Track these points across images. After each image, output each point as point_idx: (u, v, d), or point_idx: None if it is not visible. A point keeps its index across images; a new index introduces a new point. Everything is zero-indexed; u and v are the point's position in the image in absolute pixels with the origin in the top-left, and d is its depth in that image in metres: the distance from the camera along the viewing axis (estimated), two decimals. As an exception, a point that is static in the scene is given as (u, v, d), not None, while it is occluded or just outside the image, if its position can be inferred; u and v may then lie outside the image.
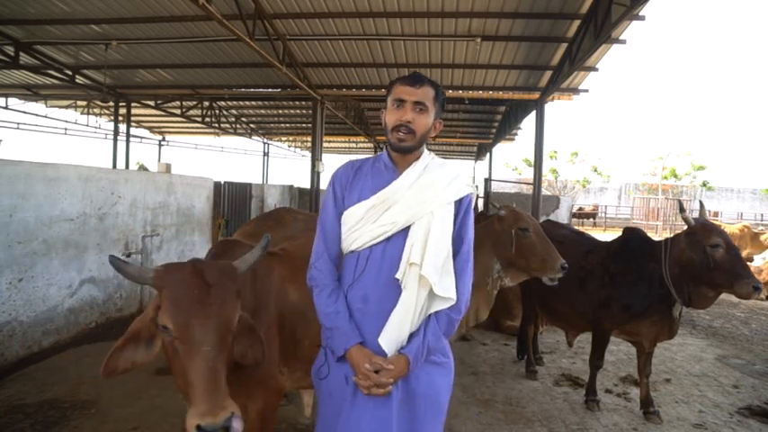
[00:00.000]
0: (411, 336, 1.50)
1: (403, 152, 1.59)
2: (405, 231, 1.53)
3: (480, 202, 11.83)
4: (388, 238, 1.54)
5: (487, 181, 11.87)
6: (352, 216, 1.57)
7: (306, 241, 1.95)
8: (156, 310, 1.37)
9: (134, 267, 1.38)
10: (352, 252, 1.58)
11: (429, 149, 1.70)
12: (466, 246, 1.60)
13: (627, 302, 3.26)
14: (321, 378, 1.57)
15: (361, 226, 1.55)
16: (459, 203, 1.61)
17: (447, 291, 1.49)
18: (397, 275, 1.49)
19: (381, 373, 1.42)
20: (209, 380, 1.28)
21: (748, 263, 8.16)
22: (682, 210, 3.17)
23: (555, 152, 29.78)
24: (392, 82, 1.62)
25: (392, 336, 1.48)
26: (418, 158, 1.62)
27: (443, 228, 1.53)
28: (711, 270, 2.87)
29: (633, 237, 3.54)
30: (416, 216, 1.52)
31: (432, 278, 1.46)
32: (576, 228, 4.90)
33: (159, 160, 17.49)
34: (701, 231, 2.97)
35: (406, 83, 1.56)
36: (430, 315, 1.53)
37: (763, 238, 9.74)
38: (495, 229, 3.10)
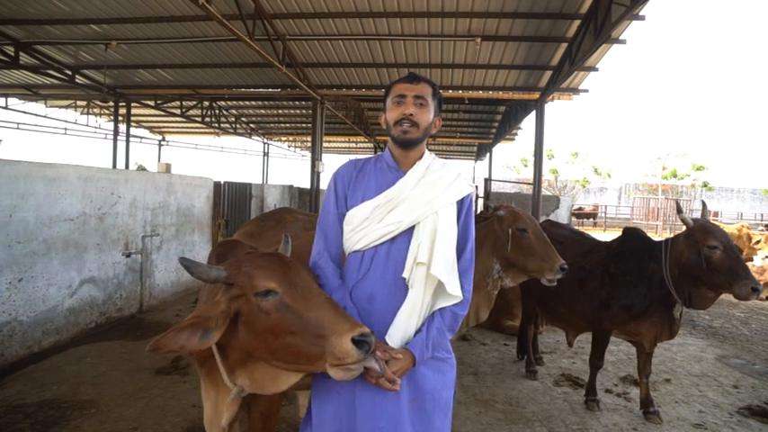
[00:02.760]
0: (416, 333, 1.52)
1: (407, 145, 1.60)
2: (409, 231, 1.55)
3: (480, 202, 11.83)
4: (393, 238, 1.55)
5: (487, 181, 11.87)
6: (356, 216, 1.58)
7: (306, 241, 1.95)
8: (231, 302, 1.37)
9: (204, 267, 1.38)
10: (356, 251, 1.59)
11: (430, 150, 1.71)
12: (470, 246, 1.63)
13: (627, 303, 3.25)
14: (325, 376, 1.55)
15: (366, 226, 1.56)
16: (460, 203, 1.63)
17: (456, 289, 1.52)
18: (404, 274, 1.51)
19: (390, 364, 1.42)
20: (335, 307, 1.36)
21: (747, 262, 8.17)
22: (679, 210, 3.17)
23: (551, 150, 29.54)
24: (390, 84, 1.64)
25: (398, 333, 1.49)
26: (421, 158, 1.64)
27: (449, 228, 1.55)
28: (710, 271, 2.86)
29: (633, 237, 3.53)
30: (422, 216, 1.54)
31: (443, 277, 1.48)
32: (576, 228, 4.90)
33: (159, 160, 17.50)
34: (699, 232, 2.96)
35: (404, 81, 1.61)
36: (434, 312, 1.54)
37: (754, 242, 9.67)
38: (494, 230, 3.09)
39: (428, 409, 1.52)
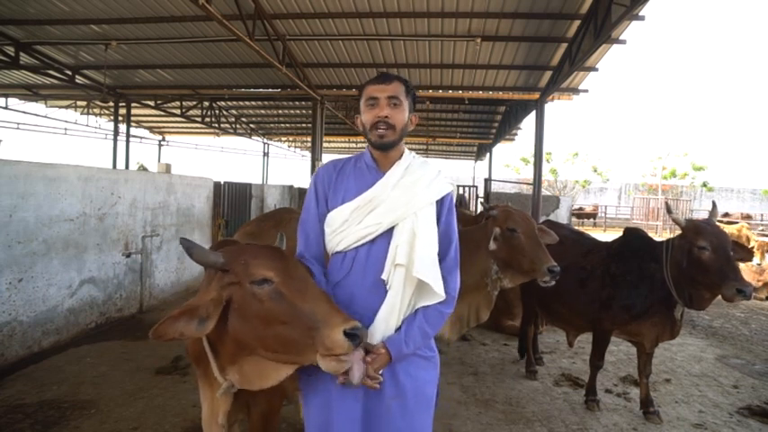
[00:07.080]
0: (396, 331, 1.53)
1: (385, 149, 1.60)
2: (389, 232, 1.54)
3: (478, 203, 11.82)
4: (373, 240, 1.55)
5: (487, 181, 11.87)
6: (336, 218, 1.58)
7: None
8: (223, 289, 1.38)
9: (203, 250, 1.40)
10: (338, 252, 1.59)
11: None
12: (453, 245, 1.61)
13: (628, 303, 3.25)
14: (309, 375, 1.55)
15: (346, 228, 1.56)
16: (440, 203, 1.61)
17: (440, 288, 1.52)
18: (383, 276, 1.51)
19: (372, 361, 1.43)
20: (328, 300, 1.38)
21: (747, 262, 8.14)
22: (669, 211, 3.16)
23: (549, 153, 29.45)
24: (362, 85, 1.63)
25: (379, 333, 1.50)
26: (400, 157, 1.64)
27: (429, 228, 1.55)
28: (700, 271, 2.87)
29: (634, 237, 3.53)
30: (401, 217, 1.53)
31: (426, 278, 1.47)
32: (576, 228, 4.90)
33: (159, 160, 17.51)
34: (691, 232, 2.96)
35: (375, 82, 1.59)
36: (417, 310, 1.54)
37: (751, 244, 9.65)
38: (488, 230, 3.08)
39: (410, 407, 1.52)
